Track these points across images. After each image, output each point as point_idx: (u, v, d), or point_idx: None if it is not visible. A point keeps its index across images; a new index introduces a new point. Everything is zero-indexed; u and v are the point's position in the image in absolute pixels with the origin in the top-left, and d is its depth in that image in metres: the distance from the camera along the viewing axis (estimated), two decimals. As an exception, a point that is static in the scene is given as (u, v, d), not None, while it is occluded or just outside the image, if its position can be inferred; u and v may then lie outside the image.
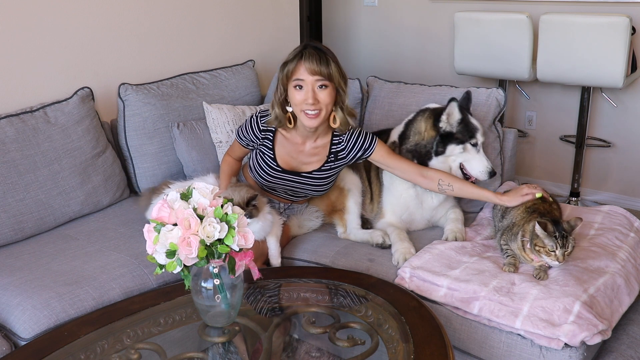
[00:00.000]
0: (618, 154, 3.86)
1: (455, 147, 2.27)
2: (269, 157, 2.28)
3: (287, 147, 2.27)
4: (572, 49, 3.37)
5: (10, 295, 1.92)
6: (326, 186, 2.33)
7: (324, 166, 2.27)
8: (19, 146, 2.29)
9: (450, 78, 4.15)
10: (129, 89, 2.64)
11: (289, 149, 2.27)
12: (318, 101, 2.08)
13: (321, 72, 2.06)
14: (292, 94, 2.12)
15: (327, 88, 2.09)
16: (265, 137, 2.28)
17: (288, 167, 2.27)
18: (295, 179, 2.28)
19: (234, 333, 1.68)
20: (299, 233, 2.42)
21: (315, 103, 2.08)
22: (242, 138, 2.33)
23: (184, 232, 1.47)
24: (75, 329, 1.69)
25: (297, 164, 2.28)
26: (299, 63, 2.08)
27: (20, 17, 2.45)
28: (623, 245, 2.14)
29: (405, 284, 2.02)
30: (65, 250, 2.21)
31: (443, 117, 2.27)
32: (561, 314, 1.74)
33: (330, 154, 2.26)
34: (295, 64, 2.08)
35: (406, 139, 2.37)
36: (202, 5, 3.10)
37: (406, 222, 2.42)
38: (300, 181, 2.28)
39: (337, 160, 2.27)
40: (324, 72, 2.07)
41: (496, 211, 2.29)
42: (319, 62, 2.06)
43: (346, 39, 4.86)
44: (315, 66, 2.05)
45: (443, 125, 2.27)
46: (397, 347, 1.57)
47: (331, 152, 2.26)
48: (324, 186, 2.33)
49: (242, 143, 2.34)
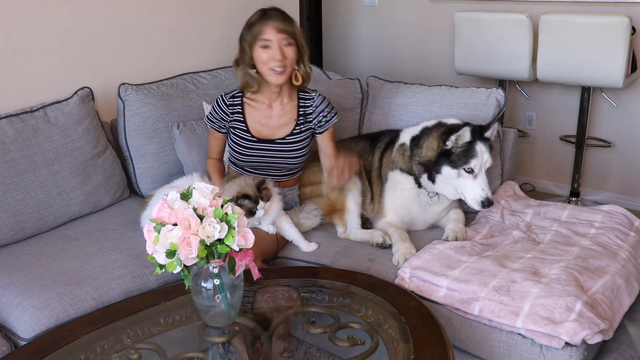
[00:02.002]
0: (618, 154, 3.86)
1: (450, 171, 2.22)
2: (241, 130, 2.36)
3: (256, 114, 2.36)
4: (572, 49, 3.37)
5: (11, 295, 1.92)
6: (301, 156, 2.39)
7: (295, 129, 2.35)
8: (19, 146, 2.29)
9: (450, 78, 4.14)
10: (129, 89, 2.64)
11: (258, 116, 2.36)
12: (285, 57, 2.22)
13: (287, 30, 2.22)
14: (258, 54, 2.24)
15: (292, 45, 2.24)
16: (234, 111, 2.37)
17: (262, 136, 2.35)
18: (271, 147, 2.34)
19: (234, 333, 1.68)
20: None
21: (283, 59, 2.21)
22: (213, 122, 2.41)
23: (184, 232, 1.47)
24: (76, 329, 1.69)
25: (269, 131, 2.36)
26: (265, 24, 2.22)
27: (20, 17, 2.45)
28: (623, 245, 2.14)
29: (405, 284, 2.02)
30: (65, 250, 2.21)
31: (452, 137, 2.21)
32: (563, 312, 1.74)
33: (300, 116, 2.36)
34: (261, 24, 2.22)
35: (418, 148, 2.32)
36: (202, 6, 3.10)
37: (407, 222, 2.42)
38: (276, 149, 2.35)
39: (306, 122, 2.35)
40: (289, 31, 2.23)
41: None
42: (284, 22, 2.23)
43: (346, 39, 4.85)
44: (281, 25, 2.22)
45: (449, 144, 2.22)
46: (397, 347, 1.57)
47: (300, 114, 2.36)
48: (299, 156, 2.38)
49: (215, 127, 2.41)
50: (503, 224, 2.40)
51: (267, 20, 2.22)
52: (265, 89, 2.33)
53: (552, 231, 2.28)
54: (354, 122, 2.90)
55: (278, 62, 2.21)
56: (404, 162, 2.38)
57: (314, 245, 2.30)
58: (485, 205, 2.20)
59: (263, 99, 2.36)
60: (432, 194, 2.35)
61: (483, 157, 2.21)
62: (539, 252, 2.12)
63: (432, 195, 2.35)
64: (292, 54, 2.24)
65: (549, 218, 2.39)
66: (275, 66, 2.22)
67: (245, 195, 2.10)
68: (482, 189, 2.20)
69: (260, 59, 2.23)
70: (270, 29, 2.21)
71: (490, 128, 2.25)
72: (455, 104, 2.62)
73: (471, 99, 2.61)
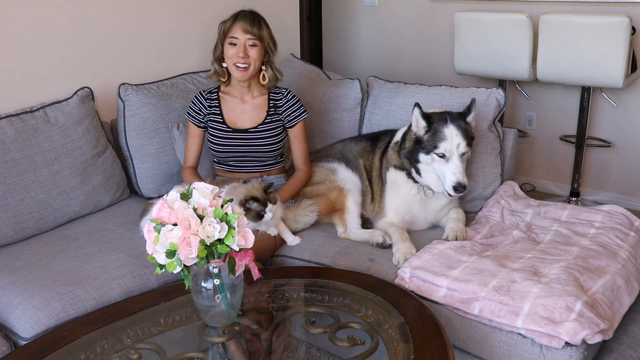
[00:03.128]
0: (618, 154, 3.86)
1: (425, 157, 2.25)
2: (218, 122, 2.52)
3: (231, 104, 2.54)
4: (572, 49, 3.37)
5: (11, 295, 1.92)
6: (274, 146, 2.52)
7: (266, 119, 2.51)
8: (19, 146, 2.29)
9: (450, 78, 4.15)
10: (129, 89, 2.64)
11: (232, 106, 2.54)
12: (248, 56, 2.40)
13: (253, 32, 2.40)
14: (226, 49, 2.44)
15: (257, 47, 2.42)
16: (212, 104, 2.54)
17: (236, 127, 2.51)
18: (244, 136, 2.49)
19: (234, 333, 1.68)
20: (296, 228, 2.42)
21: (245, 57, 2.40)
22: (193, 116, 2.56)
23: (184, 232, 1.47)
24: (76, 329, 1.69)
25: (243, 121, 2.52)
26: (234, 23, 2.42)
27: (20, 17, 2.45)
28: (623, 245, 2.14)
29: (405, 284, 2.02)
30: (65, 250, 2.21)
31: (413, 123, 2.29)
32: (563, 311, 1.74)
33: (270, 107, 2.53)
34: (231, 24, 2.43)
35: (404, 142, 2.39)
36: (202, 6, 3.10)
37: (408, 222, 2.42)
38: (249, 137, 2.49)
39: (276, 114, 2.52)
40: (256, 33, 2.41)
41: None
42: (252, 24, 2.41)
43: (346, 39, 4.85)
44: (248, 26, 2.40)
45: (414, 130, 2.29)
46: (397, 347, 1.57)
47: (270, 105, 2.53)
48: (272, 146, 2.51)
49: (195, 122, 2.55)
50: (503, 224, 2.41)
51: (237, 21, 2.42)
52: (236, 83, 2.52)
53: (552, 231, 2.28)
54: (354, 122, 2.91)
55: (240, 59, 2.40)
56: (397, 158, 2.40)
57: (297, 239, 2.34)
58: (457, 190, 2.19)
59: (235, 93, 2.54)
60: (427, 187, 2.35)
61: (454, 140, 2.21)
62: (539, 252, 2.12)
63: (427, 189, 2.36)
64: (255, 54, 2.42)
65: (549, 218, 2.39)
66: (237, 62, 2.41)
67: (253, 197, 2.10)
68: (453, 173, 2.19)
69: (227, 54, 2.44)
70: (238, 28, 2.41)
71: (470, 113, 2.27)
72: (455, 104, 2.62)
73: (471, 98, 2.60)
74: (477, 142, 2.54)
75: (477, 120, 2.55)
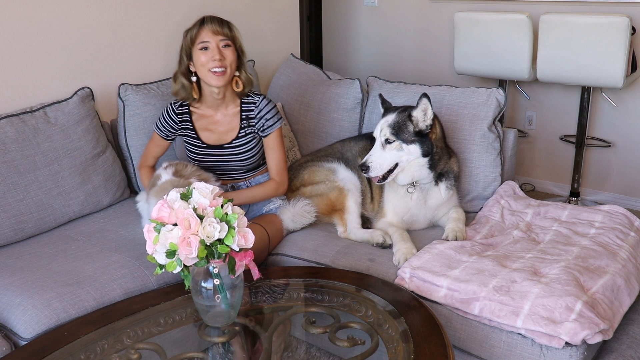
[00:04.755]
0: (618, 154, 3.86)
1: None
2: (192, 137, 2.42)
3: (204, 121, 2.41)
4: (572, 49, 3.37)
5: (11, 295, 1.92)
6: (252, 157, 2.43)
7: (240, 132, 2.39)
8: (19, 146, 2.29)
9: (450, 78, 4.15)
10: (129, 89, 2.64)
11: (205, 122, 2.41)
12: (224, 57, 2.26)
13: (224, 32, 2.27)
14: (197, 57, 2.27)
15: (231, 47, 2.29)
16: (183, 119, 2.42)
17: (211, 142, 2.41)
18: (221, 152, 2.40)
19: (234, 333, 1.68)
20: (294, 228, 2.42)
21: (222, 59, 2.25)
22: (161, 129, 2.45)
23: (184, 232, 1.47)
24: (76, 329, 1.69)
25: (218, 136, 2.41)
26: (202, 28, 2.28)
27: (20, 17, 2.45)
28: (623, 245, 2.14)
29: (405, 284, 2.02)
30: (65, 250, 2.21)
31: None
32: (563, 311, 1.74)
33: (242, 120, 2.40)
34: (198, 29, 2.28)
35: None
36: (202, 6, 3.10)
37: (407, 222, 2.42)
38: (226, 153, 2.40)
39: (249, 126, 2.39)
40: (227, 33, 2.28)
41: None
42: (221, 25, 2.28)
43: (346, 39, 4.85)
44: (218, 27, 2.27)
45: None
46: (397, 347, 1.57)
47: (242, 118, 2.40)
48: (251, 158, 2.43)
49: (162, 135, 2.46)
50: (503, 224, 2.41)
51: (203, 25, 2.28)
52: (207, 98, 2.37)
53: (552, 231, 2.28)
54: (354, 122, 2.91)
55: (217, 62, 2.24)
56: None
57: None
58: (362, 170, 2.26)
59: (207, 108, 2.40)
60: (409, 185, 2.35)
61: (380, 127, 2.29)
62: (539, 252, 2.12)
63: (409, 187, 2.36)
64: (231, 55, 2.28)
65: (549, 218, 2.39)
66: (214, 67, 2.25)
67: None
68: (369, 154, 2.28)
69: (199, 61, 2.27)
70: (207, 31, 2.27)
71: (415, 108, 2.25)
72: (455, 104, 2.62)
73: (471, 98, 2.61)
74: (477, 142, 2.54)
75: (477, 120, 2.55)
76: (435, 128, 2.29)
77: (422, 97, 2.23)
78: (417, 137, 2.24)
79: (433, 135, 2.28)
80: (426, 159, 2.27)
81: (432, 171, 2.31)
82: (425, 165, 2.28)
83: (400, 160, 2.26)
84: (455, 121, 2.59)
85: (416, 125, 2.25)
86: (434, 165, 2.30)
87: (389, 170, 2.26)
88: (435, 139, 2.29)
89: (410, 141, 2.25)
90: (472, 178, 2.57)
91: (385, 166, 2.25)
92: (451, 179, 2.39)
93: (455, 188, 2.45)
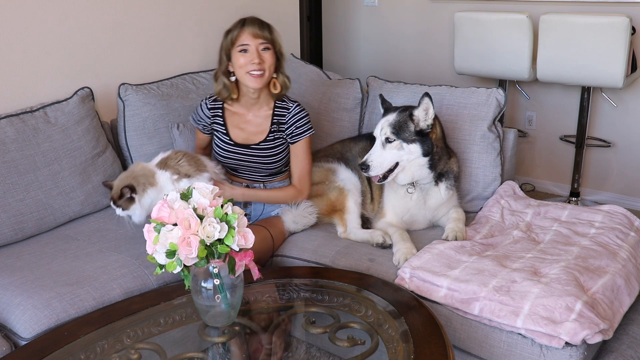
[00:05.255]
0: (618, 154, 3.86)
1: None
2: (222, 132, 2.45)
3: (235, 119, 2.45)
4: (572, 49, 3.37)
5: (11, 295, 1.92)
6: (277, 161, 2.44)
7: (269, 136, 2.41)
8: (19, 146, 2.29)
9: (450, 78, 4.15)
10: (129, 89, 2.64)
11: (237, 120, 2.44)
12: (263, 61, 2.29)
13: (264, 36, 2.30)
14: (236, 59, 2.31)
15: (270, 50, 2.32)
16: (215, 114, 2.46)
17: (240, 140, 2.43)
18: (247, 152, 2.42)
19: (234, 333, 1.68)
20: (295, 229, 2.42)
21: (261, 63, 2.28)
22: (197, 122, 2.52)
23: (184, 232, 1.47)
24: (76, 329, 1.69)
25: (247, 136, 2.43)
26: (242, 30, 2.30)
27: (20, 17, 2.45)
28: (623, 245, 2.14)
29: (405, 284, 2.02)
30: (65, 250, 2.21)
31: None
32: (563, 311, 1.74)
33: (273, 124, 2.41)
34: (239, 31, 2.31)
35: None
36: (202, 5, 3.11)
37: (407, 222, 2.42)
38: (252, 154, 2.42)
39: (279, 131, 2.41)
40: (267, 36, 2.31)
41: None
42: (261, 28, 2.31)
43: (346, 39, 4.85)
44: (258, 31, 2.29)
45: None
46: (397, 347, 1.57)
47: (273, 122, 2.42)
48: (276, 161, 2.44)
49: (199, 127, 2.52)
50: (503, 224, 2.41)
51: (244, 27, 2.30)
52: (243, 98, 2.41)
53: (552, 231, 2.28)
54: (354, 122, 2.91)
55: (256, 66, 2.27)
56: None
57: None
58: (362, 169, 2.26)
59: (241, 107, 2.43)
60: (409, 184, 2.35)
61: (380, 126, 2.29)
62: (539, 252, 2.12)
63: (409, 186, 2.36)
64: (270, 58, 2.31)
65: (549, 218, 2.39)
66: (252, 70, 2.28)
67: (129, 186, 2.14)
68: (368, 154, 2.27)
69: (238, 63, 2.30)
70: (247, 34, 2.29)
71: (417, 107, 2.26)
72: (455, 104, 2.62)
73: (471, 99, 2.61)
74: (477, 142, 2.54)
75: (477, 120, 2.55)
76: (435, 128, 2.29)
77: (424, 97, 2.23)
78: (417, 137, 2.24)
79: (433, 135, 2.28)
80: (426, 159, 2.27)
81: (432, 171, 2.31)
82: (425, 165, 2.28)
83: (400, 159, 2.26)
84: (455, 121, 2.59)
85: (417, 124, 2.25)
86: (434, 165, 2.30)
87: (389, 170, 2.26)
88: (435, 139, 2.29)
89: (411, 140, 2.24)
90: (472, 178, 2.57)
91: (386, 165, 2.25)
92: (451, 179, 2.39)
93: (455, 188, 2.45)
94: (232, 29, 2.33)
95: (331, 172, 2.53)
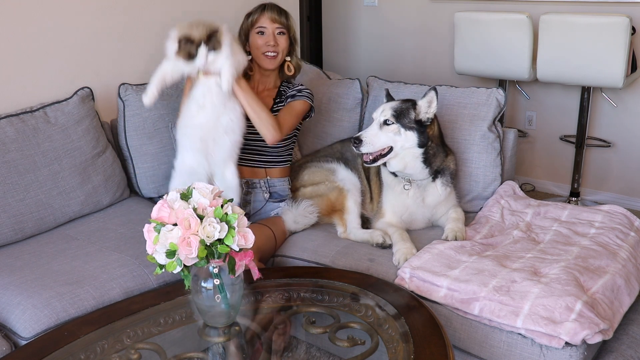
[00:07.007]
0: (618, 154, 3.86)
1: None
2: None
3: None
4: (572, 49, 3.37)
5: (11, 294, 1.92)
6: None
7: (273, 107, 2.52)
8: (19, 146, 2.29)
9: (450, 78, 4.15)
10: (129, 89, 2.64)
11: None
12: (277, 44, 2.47)
13: (281, 21, 2.49)
14: (254, 40, 2.50)
15: (285, 35, 2.50)
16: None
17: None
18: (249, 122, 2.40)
19: (234, 333, 1.68)
20: (296, 229, 2.43)
21: (275, 45, 2.47)
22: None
23: (184, 232, 1.47)
24: (75, 329, 1.69)
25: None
26: (262, 13, 2.50)
27: (20, 17, 2.45)
28: (623, 245, 2.14)
29: (405, 284, 2.02)
30: (65, 250, 2.21)
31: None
32: (563, 311, 1.74)
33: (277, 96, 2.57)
34: (259, 14, 2.50)
35: None
36: (203, 6, 3.10)
37: (406, 222, 2.42)
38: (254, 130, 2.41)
39: (281, 102, 2.53)
40: (283, 22, 2.50)
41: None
42: (279, 14, 2.50)
43: (346, 39, 4.86)
44: (277, 16, 2.49)
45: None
46: (397, 347, 1.57)
47: (278, 94, 2.57)
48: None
49: None
50: (503, 224, 2.41)
51: (264, 11, 2.49)
52: (255, 75, 2.56)
53: (552, 231, 2.28)
54: (354, 122, 2.91)
55: (270, 48, 2.46)
56: None
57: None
58: (354, 144, 2.26)
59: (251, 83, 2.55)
60: (405, 181, 2.35)
61: (380, 108, 2.32)
62: (539, 252, 2.12)
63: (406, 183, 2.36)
64: (284, 42, 2.49)
65: (549, 218, 2.39)
66: (267, 50, 2.46)
67: (188, 38, 2.13)
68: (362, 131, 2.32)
69: (255, 44, 2.49)
70: (266, 18, 2.48)
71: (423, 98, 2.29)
72: (455, 104, 2.62)
73: (471, 98, 2.61)
74: (477, 142, 2.55)
75: (477, 120, 2.55)
76: (433, 125, 2.30)
77: (431, 90, 2.27)
78: (416, 125, 2.25)
79: (430, 132, 2.29)
80: (421, 151, 2.27)
81: (427, 167, 2.31)
82: (419, 158, 2.28)
83: (395, 144, 2.26)
84: (455, 121, 2.59)
85: (418, 114, 2.26)
86: (428, 160, 2.30)
87: (381, 155, 2.26)
88: (432, 135, 2.30)
89: (409, 127, 2.25)
90: (472, 178, 2.57)
91: (379, 146, 2.25)
92: (447, 175, 2.39)
93: (452, 186, 2.44)
94: (253, 12, 2.52)
95: (331, 172, 2.53)
